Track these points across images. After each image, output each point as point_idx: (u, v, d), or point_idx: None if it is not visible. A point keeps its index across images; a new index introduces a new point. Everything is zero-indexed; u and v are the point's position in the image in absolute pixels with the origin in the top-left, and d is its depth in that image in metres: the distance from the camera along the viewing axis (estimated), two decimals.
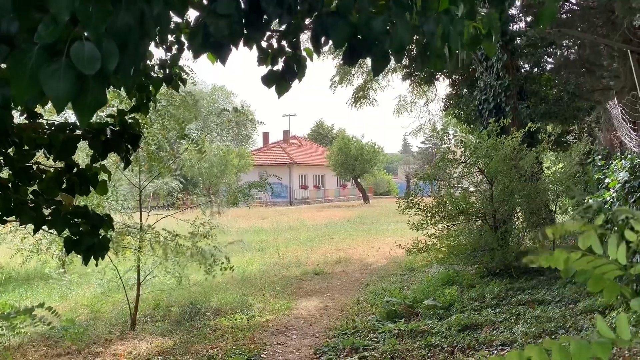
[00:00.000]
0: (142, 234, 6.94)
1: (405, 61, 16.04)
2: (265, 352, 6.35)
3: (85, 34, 1.51)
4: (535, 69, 14.09)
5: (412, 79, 16.54)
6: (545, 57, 14.53)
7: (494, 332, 6.21)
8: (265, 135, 54.55)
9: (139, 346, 6.65)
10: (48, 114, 6.35)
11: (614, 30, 11.98)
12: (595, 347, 0.83)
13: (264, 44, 2.67)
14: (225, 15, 2.11)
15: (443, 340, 6.09)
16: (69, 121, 3.27)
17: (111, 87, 5.98)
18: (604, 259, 0.90)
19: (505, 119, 10.11)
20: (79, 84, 1.47)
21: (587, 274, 0.90)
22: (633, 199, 5.89)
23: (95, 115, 5.87)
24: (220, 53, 2.25)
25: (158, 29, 1.88)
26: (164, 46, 3.41)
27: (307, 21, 2.43)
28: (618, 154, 8.64)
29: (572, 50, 15.22)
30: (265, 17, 2.24)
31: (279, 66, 2.73)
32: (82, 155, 6.22)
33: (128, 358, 6.25)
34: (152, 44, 3.47)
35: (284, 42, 2.66)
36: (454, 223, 9.54)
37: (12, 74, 1.45)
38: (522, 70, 13.65)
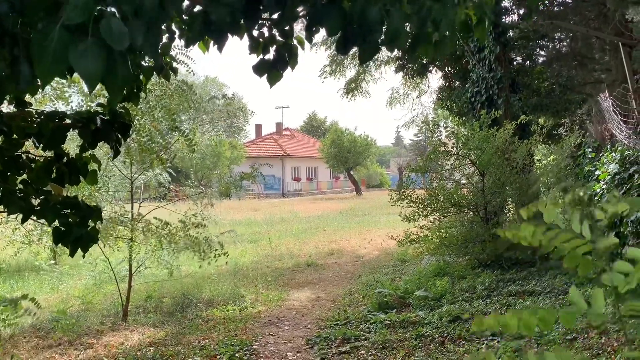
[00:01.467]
0: (134, 223, 6.91)
1: (398, 53, 16.01)
2: (257, 343, 6.37)
3: (111, 9, 1.55)
4: (528, 62, 14.10)
5: (405, 70, 16.51)
6: (538, 49, 14.54)
7: None
8: (258, 127, 54.39)
9: (130, 337, 6.65)
10: (38, 104, 6.30)
11: (606, 23, 12.01)
12: (562, 315, 0.87)
13: (255, 33, 2.66)
14: (227, 3, 2.12)
15: (434, 330, 6.13)
16: (58, 110, 3.24)
17: None
18: (569, 232, 0.92)
19: (497, 111, 10.13)
20: (108, 62, 1.50)
21: (563, 251, 0.92)
22: (623, 191, 5.94)
23: (84, 103, 5.77)
24: (219, 40, 2.27)
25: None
26: None
27: (300, 9, 2.41)
28: (608, 146, 8.70)
29: (564, 43, 15.25)
30: (261, 7, 2.25)
31: (270, 55, 2.71)
32: (73, 146, 6.18)
33: (120, 349, 6.24)
34: None
35: (275, 31, 2.65)
36: (445, 215, 9.59)
37: (36, 54, 1.47)
38: (515, 63, 13.65)
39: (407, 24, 2.19)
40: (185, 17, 2.69)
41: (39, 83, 2.30)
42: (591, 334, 5.21)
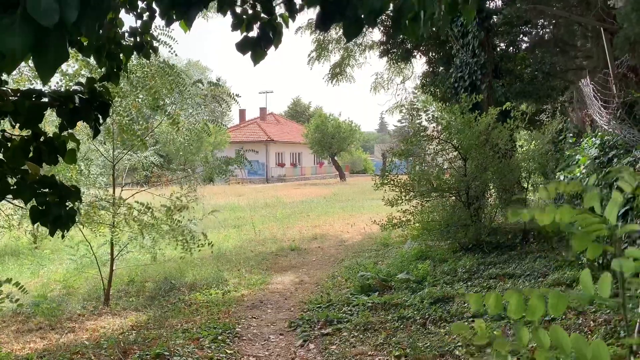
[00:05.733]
0: (115, 208, 6.83)
1: (382, 37, 15.95)
2: (240, 326, 6.38)
3: None
4: (511, 48, 14.14)
5: (389, 55, 16.47)
6: (521, 35, 14.59)
7: (465, 304, 6.33)
8: (242, 113, 53.94)
9: (112, 321, 6.61)
10: (16, 84, 6.16)
11: (589, 10, 12.07)
12: (574, 299, 0.87)
13: (238, 10, 2.62)
14: None
15: (415, 312, 6.20)
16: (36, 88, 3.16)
17: (80, 55, 5.78)
18: (592, 215, 0.90)
19: (478, 96, 10.16)
20: (38, 38, 1.41)
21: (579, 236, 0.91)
22: (602, 174, 6.02)
23: (64, 83, 5.65)
24: (188, 14, 2.20)
25: None
26: (135, 13, 3.32)
27: None
28: (589, 131, 8.81)
29: (547, 30, 15.30)
30: None
31: (254, 33, 2.68)
32: (53, 128, 6.06)
33: (101, 333, 6.21)
34: (123, 10, 3.37)
35: (258, 8, 2.61)
36: (427, 199, 9.64)
37: None
38: (498, 49, 13.70)
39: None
40: None
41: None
42: (569, 315, 5.31)
